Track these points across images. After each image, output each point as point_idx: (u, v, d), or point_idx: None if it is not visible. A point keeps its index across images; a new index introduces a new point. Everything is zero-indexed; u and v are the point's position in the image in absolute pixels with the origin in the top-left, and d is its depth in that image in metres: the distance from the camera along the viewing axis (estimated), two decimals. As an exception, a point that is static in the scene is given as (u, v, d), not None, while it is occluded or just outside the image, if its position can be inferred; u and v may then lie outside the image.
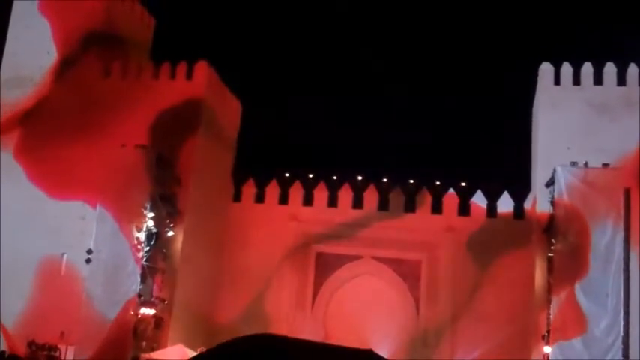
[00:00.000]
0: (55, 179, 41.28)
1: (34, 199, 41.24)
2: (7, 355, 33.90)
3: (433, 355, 39.35)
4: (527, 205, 41.19)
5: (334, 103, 52.36)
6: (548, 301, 35.03)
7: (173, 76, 42.61)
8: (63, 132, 41.72)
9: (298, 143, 49.16)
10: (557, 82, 39.57)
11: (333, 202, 44.33)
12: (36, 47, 43.69)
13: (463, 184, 42.86)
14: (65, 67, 43.09)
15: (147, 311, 37.13)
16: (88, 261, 37.21)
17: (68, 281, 39.36)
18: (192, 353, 35.88)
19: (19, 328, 39.15)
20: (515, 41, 51.48)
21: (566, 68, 39.48)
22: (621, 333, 33.22)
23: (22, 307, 39.48)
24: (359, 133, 48.99)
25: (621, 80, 38.77)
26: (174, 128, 40.88)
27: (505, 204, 41.88)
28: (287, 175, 45.14)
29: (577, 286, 33.83)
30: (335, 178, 44.61)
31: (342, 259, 43.47)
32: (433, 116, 50.78)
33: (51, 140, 41.66)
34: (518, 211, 41.53)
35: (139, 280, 36.67)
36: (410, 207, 43.27)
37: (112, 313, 35.88)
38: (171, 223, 39.19)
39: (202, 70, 42.35)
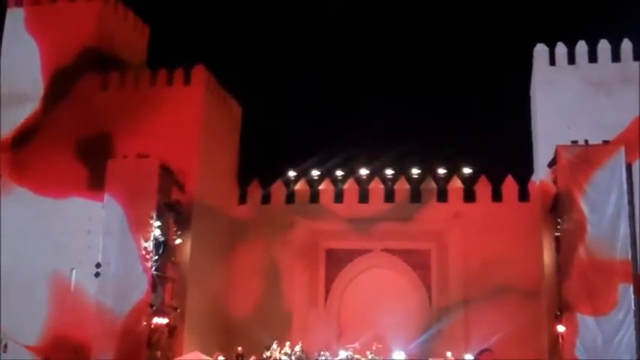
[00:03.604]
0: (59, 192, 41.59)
1: (38, 217, 41.37)
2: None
3: (448, 344, 39.23)
4: (531, 186, 41.18)
5: (334, 97, 52.35)
6: (559, 281, 35.08)
7: (170, 82, 42.48)
8: (63, 147, 41.89)
9: (301, 141, 49.03)
10: (552, 62, 39.40)
11: (339, 198, 44.40)
12: (31, 63, 43.71)
13: (466, 170, 42.88)
14: (60, 82, 43.16)
15: (160, 321, 37.05)
16: (97, 275, 37.19)
17: (78, 296, 39.61)
18: (209, 359, 36.22)
19: (31, 345, 39.42)
20: (510, 24, 51.39)
21: (561, 48, 39.29)
22: (632, 307, 33.22)
23: (33, 325, 39.64)
24: (360, 127, 48.91)
25: (616, 56, 38.60)
26: (175, 135, 40.87)
27: (510, 187, 41.96)
28: (292, 174, 45.17)
29: (586, 264, 33.92)
30: (339, 173, 44.60)
31: (352, 254, 43.58)
32: (432, 105, 50.87)
33: (51, 156, 41.86)
34: (523, 193, 41.56)
35: (149, 290, 36.61)
36: (415, 197, 43.31)
37: (125, 326, 35.91)
38: (179, 230, 39.26)
39: (199, 74, 42.28)
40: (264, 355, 37.36)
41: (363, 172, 44.36)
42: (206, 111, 42.38)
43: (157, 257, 37.48)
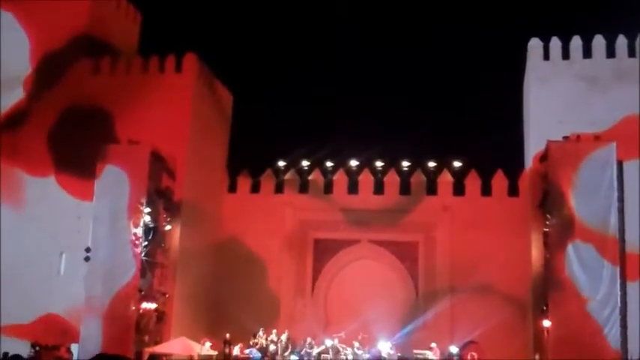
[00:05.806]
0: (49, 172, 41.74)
1: (28, 201, 41.60)
2: (9, 355, 33.92)
3: (433, 335, 39.27)
4: (521, 181, 41.27)
5: (325, 88, 52.24)
6: (546, 276, 35.15)
7: (162, 69, 42.51)
8: (55, 131, 41.91)
9: (292, 131, 49.00)
10: (546, 57, 39.50)
11: (328, 188, 44.44)
12: (24, 47, 43.68)
13: (457, 163, 42.94)
14: (51, 67, 43.05)
15: (148, 306, 37.11)
16: (87, 259, 37.06)
17: (67, 280, 39.63)
18: (196, 345, 36.20)
19: (21, 329, 39.33)
20: (504, 17, 51.45)
21: (555, 43, 39.39)
22: (618, 303, 33.30)
23: (22, 308, 39.58)
24: (350, 118, 48.87)
25: (610, 52, 38.76)
26: (166, 121, 40.85)
27: (499, 181, 42.04)
28: (281, 163, 45.17)
29: (573, 259, 33.91)
30: (329, 164, 44.62)
31: (339, 245, 43.67)
32: (425, 98, 50.90)
33: (44, 140, 41.93)
34: (513, 188, 41.64)
35: (138, 275, 36.53)
36: (405, 189, 43.37)
37: (113, 310, 35.84)
38: (168, 217, 39.30)
39: (191, 62, 42.32)
40: (251, 342, 37.37)
41: (353, 163, 44.41)
42: (197, 99, 42.46)
43: (146, 243, 37.47)
